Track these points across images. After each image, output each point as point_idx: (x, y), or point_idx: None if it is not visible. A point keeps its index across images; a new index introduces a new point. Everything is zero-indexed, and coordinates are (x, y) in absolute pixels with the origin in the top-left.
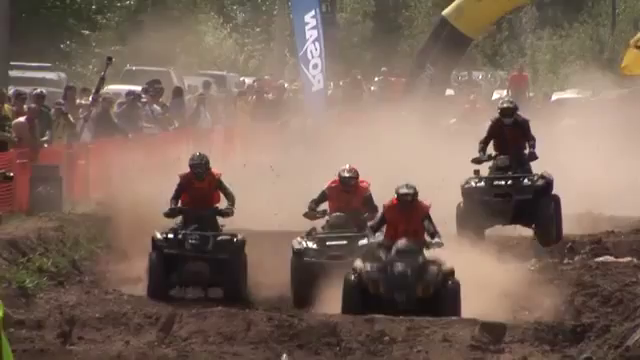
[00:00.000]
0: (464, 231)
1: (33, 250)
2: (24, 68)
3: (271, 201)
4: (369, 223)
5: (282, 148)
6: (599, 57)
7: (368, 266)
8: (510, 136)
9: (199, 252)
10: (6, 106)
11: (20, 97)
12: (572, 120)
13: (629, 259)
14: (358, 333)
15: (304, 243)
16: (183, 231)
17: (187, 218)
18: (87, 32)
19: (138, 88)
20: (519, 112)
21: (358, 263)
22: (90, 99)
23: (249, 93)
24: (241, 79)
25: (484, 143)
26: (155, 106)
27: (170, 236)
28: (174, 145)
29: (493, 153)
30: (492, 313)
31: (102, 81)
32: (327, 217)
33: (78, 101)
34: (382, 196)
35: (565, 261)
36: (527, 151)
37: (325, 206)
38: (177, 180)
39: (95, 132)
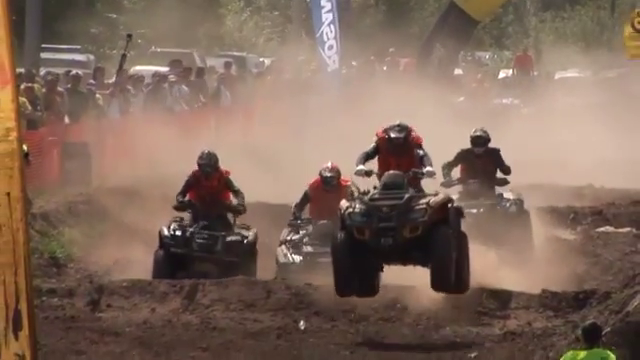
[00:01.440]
0: None
1: (64, 222)
2: (55, 50)
3: (288, 177)
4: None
5: (299, 125)
6: (599, 38)
7: (352, 209)
8: (480, 165)
9: (207, 252)
10: (36, 86)
11: (51, 77)
12: (574, 98)
13: (628, 229)
14: (372, 301)
15: (290, 257)
16: (191, 229)
17: (196, 214)
18: (114, 16)
19: (163, 69)
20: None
21: (343, 204)
22: (114, 77)
23: (268, 73)
24: (260, 60)
25: (449, 168)
26: (183, 86)
27: (178, 234)
28: (198, 122)
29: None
30: (498, 281)
31: (124, 57)
32: (311, 225)
33: (107, 81)
34: None
35: (568, 232)
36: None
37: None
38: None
39: (121, 109)
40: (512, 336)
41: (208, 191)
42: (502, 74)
